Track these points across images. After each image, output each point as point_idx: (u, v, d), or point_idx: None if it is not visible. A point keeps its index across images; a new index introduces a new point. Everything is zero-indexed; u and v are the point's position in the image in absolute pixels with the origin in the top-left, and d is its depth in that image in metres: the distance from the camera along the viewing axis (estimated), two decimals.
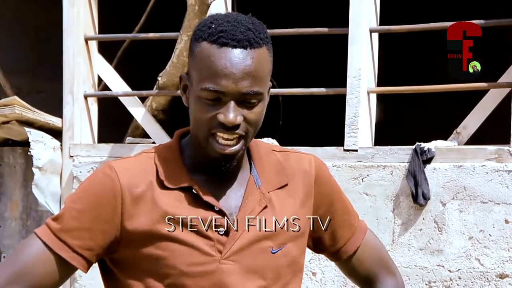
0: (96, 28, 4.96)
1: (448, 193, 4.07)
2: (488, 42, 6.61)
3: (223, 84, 1.64)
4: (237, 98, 1.65)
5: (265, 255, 1.73)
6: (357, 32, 4.32)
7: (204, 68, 1.66)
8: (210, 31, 1.67)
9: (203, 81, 1.65)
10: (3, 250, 4.98)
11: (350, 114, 4.29)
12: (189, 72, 1.71)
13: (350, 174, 4.24)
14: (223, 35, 1.66)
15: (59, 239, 1.70)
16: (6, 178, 5.02)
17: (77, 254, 1.71)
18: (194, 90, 1.68)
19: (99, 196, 1.70)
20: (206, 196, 1.71)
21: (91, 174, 1.76)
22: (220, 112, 1.65)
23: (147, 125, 4.82)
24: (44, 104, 5.14)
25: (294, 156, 1.83)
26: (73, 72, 4.84)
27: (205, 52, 1.66)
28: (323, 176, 1.86)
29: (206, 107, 1.66)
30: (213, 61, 1.65)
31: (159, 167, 1.72)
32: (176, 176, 1.72)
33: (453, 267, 4.06)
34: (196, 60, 1.68)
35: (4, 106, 4.76)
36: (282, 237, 1.75)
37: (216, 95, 1.65)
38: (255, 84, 1.66)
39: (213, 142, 1.67)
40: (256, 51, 1.67)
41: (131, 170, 1.72)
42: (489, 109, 4.18)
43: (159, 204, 1.70)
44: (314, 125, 8.24)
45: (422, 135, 4.46)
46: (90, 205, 1.70)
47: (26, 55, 6.56)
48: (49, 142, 4.81)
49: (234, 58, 1.65)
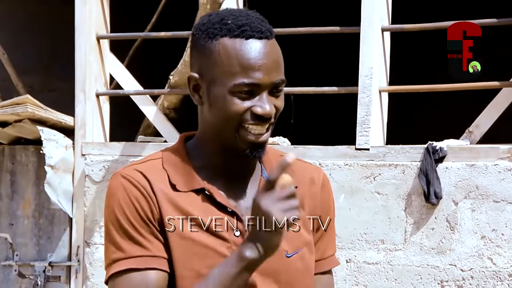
0: (108, 27, 4.97)
1: (460, 192, 4.06)
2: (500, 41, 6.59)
3: (257, 76, 1.64)
4: (269, 88, 1.67)
5: (279, 259, 1.71)
6: (369, 31, 4.31)
7: (233, 63, 1.65)
8: (228, 27, 1.66)
9: (235, 76, 1.65)
10: (16, 248, 4.99)
11: (362, 113, 4.29)
12: (202, 71, 1.69)
13: (362, 173, 4.24)
14: (246, 28, 1.66)
15: (139, 256, 1.66)
16: (18, 176, 5.04)
17: (160, 257, 1.67)
18: (222, 87, 1.66)
19: (135, 200, 1.68)
20: (219, 198, 1.70)
21: (110, 190, 1.72)
22: (255, 105, 1.66)
23: (159, 123, 4.83)
24: (56, 103, 5.15)
25: (301, 164, 1.84)
26: (85, 70, 4.85)
27: (231, 48, 1.65)
28: (328, 188, 1.86)
29: (240, 101, 1.65)
30: (243, 54, 1.65)
31: (169, 171, 1.72)
32: (187, 179, 1.71)
33: (466, 267, 4.05)
34: (219, 57, 1.66)
35: (16, 104, 4.77)
36: (297, 240, 1.75)
37: (251, 88, 1.65)
38: (281, 73, 1.68)
39: (244, 134, 1.67)
40: (274, 42, 1.69)
41: (148, 170, 1.71)
42: (502, 108, 4.16)
43: (177, 204, 1.69)
44: (326, 124, 8.23)
45: (434, 134, 4.45)
46: (133, 211, 1.68)
47: (39, 54, 6.59)
48: (61, 140, 4.82)
49: (263, 49, 1.66)
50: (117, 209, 1.68)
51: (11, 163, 5.05)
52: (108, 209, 1.71)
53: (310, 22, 5.14)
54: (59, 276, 4.93)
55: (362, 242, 4.22)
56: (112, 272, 1.67)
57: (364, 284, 4.22)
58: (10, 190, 5.05)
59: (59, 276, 4.93)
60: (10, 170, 5.05)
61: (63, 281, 4.92)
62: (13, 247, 4.98)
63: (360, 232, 4.22)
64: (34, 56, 6.51)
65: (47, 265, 4.90)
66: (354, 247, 4.23)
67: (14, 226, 5.03)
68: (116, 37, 5.08)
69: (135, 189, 1.68)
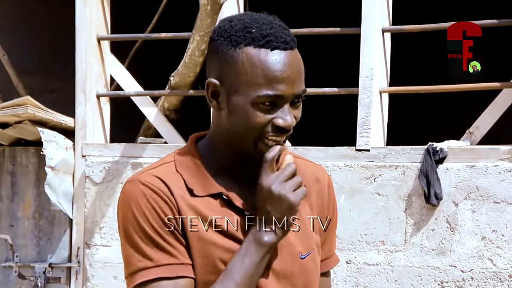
0: (109, 28, 4.97)
1: (460, 193, 4.06)
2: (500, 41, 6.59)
3: (282, 88, 1.64)
4: (291, 100, 1.67)
5: (294, 260, 1.72)
6: (369, 32, 4.31)
7: (258, 74, 1.64)
8: (253, 36, 1.65)
9: (259, 87, 1.64)
10: (16, 249, 4.99)
11: (362, 114, 4.29)
12: (223, 78, 1.67)
13: (362, 174, 4.24)
14: (271, 39, 1.65)
15: (168, 265, 1.64)
16: (18, 177, 5.04)
17: (187, 264, 1.66)
18: (245, 97, 1.64)
19: (156, 204, 1.66)
20: (237, 202, 1.70)
21: (128, 197, 1.68)
22: (277, 116, 1.66)
23: (159, 124, 4.83)
24: (57, 104, 5.15)
25: (306, 163, 1.84)
26: (85, 72, 4.85)
27: (256, 58, 1.64)
28: (332, 187, 1.87)
29: (262, 113, 1.65)
30: (268, 66, 1.64)
31: (184, 175, 1.70)
32: (203, 183, 1.70)
33: (466, 267, 4.05)
34: (243, 66, 1.65)
35: (17, 106, 4.77)
36: (309, 241, 1.75)
37: (274, 100, 1.65)
38: (303, 83, 1.68)
39: (263, 144, 1.67)
40: (297, 51, 1.69)
41: (164, 175, 1.69)
42: (502, 109, 4.17)
43: (196, 209, 1.68)
44: (326, 125, 8.23)
45: (434, 135, 4.45)
46: (155, 218, 1.65)
47: (39, 55, 6.59)
48: (62, 141, 4.82)
49: (288, 61, 1.65)
50: (140, 216, 1.65)
51: (11, 165, 5.05)
52: (127, 216, 1.67)
53: (310, 23, 5.14)
54: (59, 277, 4.93)
55: (363, 243, 4.22)
56: (139, 281, 1.64)
57: (364, 285, 4.22)
58: (10, 192, 5.05)
59: (59, 277, 4.93)
60: (11, 171, 5.05)
61: (63, 283, 4.92)
62: (13, 248, 4.98)
63: (360, 233, 4.22)
64: (35, 57, 6.51)
65: (47, 267, 4.90)
66: (354, 248, 4.23)
67: (14, 227, 5.02)
68: (117, 38, 5.08)
69: (155, 195, 1.66)
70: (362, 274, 4.22)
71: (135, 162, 4.67)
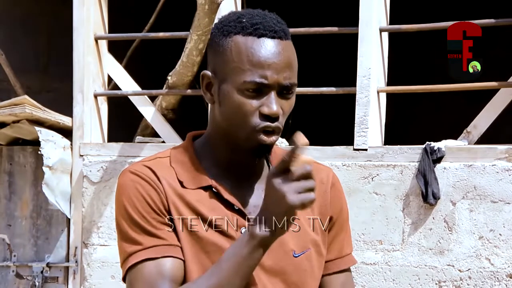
0: (106, 28, 4.97)
1: (458, 192, 4.06)
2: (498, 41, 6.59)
3: (266, 74, 1.63)
4: (278, 89, 1.65)
5: (287, 258, 1.70)
6: (367, 31, 4.31)
7: (243, 60, 1.64)
8: (242, 25, 1.66)
9: (244, 73, 1.64)
10: (14, 249, 4.99)
11: (360, 113, 4.29)
12: (215, 69, 1.68)
13: (360, 173, 4.24)
14: (259, 27, 1.65)
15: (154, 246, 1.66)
16: (16, 177, 5.04)
17: (175, 245, 1.67)
18: (231, 85, 1.65)
19: (144, 190, 1.68)
20: (226, 195, 1.69)
21: (119, 187, 1.71)
22: (262, 104, 1.65)
23: (157, 124, 4.83)
24: (54, 103, 5.15)
25: (315, 166, 1.78)
26: (83, 71, 4.85)
27: (242, 45, 1.64)
28: (338, 187, 1.85)
29: (248, 100, 1.64)
30: (253, 52, 1.63)
31: (177, 169, 1.71)
32: (195, 177, 1.71)
33: (463, 267, 4.05)
34: (231, 54, 1.65)
35: (14, 105, 4.77)
36: (304, 240, 1.73)
37: (259, 87, 1.64)
38: (293, 76, 1.66)
39: (254, 136, 1.66)
40: (289, 43, 1.68)
41: (155, 166, 1.71)
42: (500, 108, 4.17)
43: (185, 199, 1.68)
44: (324, 124, 8.23)
45: (432, 134, 4.45)
46: (143, 204, 1.67)
47: (36, 54, 6.58)
48: (59, 141, 4.82)
49: (274, 48, 1.64)
50: (128, 204, 1.68)
51: (9, 164, 5.05)
52: (119, 206, 1.70)
53: (308, 23, 5.14)
54: (57, 277, 4.93)
55: (360, 242, 4.22)
56: (128, 265, 1.66)
57: (362, 284, 4.22)
58: (8, 191, 5.04)
59: (57, 277, 4.93)
60: (8, 171, 5.05)
61: (61, 282, 4.91)
62: (11, 248, 4.98)
63: (358, 232, 4.22)
64: (32, 57, 6.50)
65: (45, 266, 4.90)
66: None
67: (12, 227, 5.02)
68: (114, 38, 5.08)
69: (144, 182, 1.68)
70: (359, 274, 4.22)
71: (133, 161, 4.67)
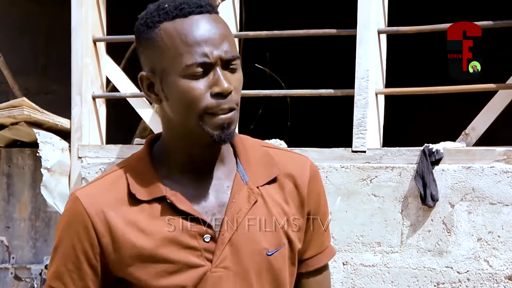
0: (105, 29, 4.97)
1: (456, 194, 4.06)
2: (496, 43, 6.60)
3: (205, 52, 1.55)
4: (222, 64, 1.56)
5: (260, 257, 1.63)
6: (365, 33, 4.31)
7: (178, 44, 1.55)
8: (165, 10, 1.58)
9: (182, 57, 1.55)
10: (12, 251, 4.99)
11: (358, 115, 4.29)
12: (153, 66, 1.60)
13: (358, 175, 4.24)
14: (184, 6, 1.57)
15: None
16: (14, 179, 5.04)
17: None
18: (174, 74, 1.56)
19: (73, 233, 1.61)
20: (182, 205, 1.61)
21: (65, 209, 1.67)
22: (211, 84, 1.56)
23: (155, 126, 4.83)
24: (53, 105, 5.15)
25: (287, 155, 1.73)
26: (81, 73, 4.85)
27: (172, 29, 1.56)
28: (316, 178, 1.74)
29: (194, 83, 1.55)
30: (185, 33, 1.55)
31: (130, 180, 1.62)
32: (148, 187, 1.61)
33: (462, 269, 4.05)
34: (163, 43, 1.57)
35: (12, 107, 4.77)
36: (278, 238, 1.66)
37: (202, 67, 1.55)
38: (233, 48, 1.58)
39: (210, 119, 1.56)
40: (218, 16, 1.60)
41: (97, 195, 1.62)
42: (498, 110, 4.17)
43: (135, 224, 1.60)
44: (322, 126, 8.23)
45: (430, 136, 4.45)
46: (68, 246, 1.62)
47: (35, 56, 6.58)
48: (58, 143, 4.82)
49: (206, 24, 1.56)
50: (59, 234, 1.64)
51: (7, 166, 5.05)
52: (57, 227, 1.66)
53: (306, 25, 5.15)
54: None
55: (359, 244, 4.22)
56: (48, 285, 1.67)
57: (360, 286, 4.22)
58: (6, 193, 5.04)
59: None
60: (7, 173, 5.05)
61: None
62: (10, 250, 4.98)
63: (356, 234, 4.23)
64: (30, 59, 6.50)
65: (44, 268, 4.89)
66: (350, 249, 4.23)
67: (10, 229, 5.02)
68: (113, 40, 5.08)
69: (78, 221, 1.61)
70: (358, 276, 4.22)
71: None
